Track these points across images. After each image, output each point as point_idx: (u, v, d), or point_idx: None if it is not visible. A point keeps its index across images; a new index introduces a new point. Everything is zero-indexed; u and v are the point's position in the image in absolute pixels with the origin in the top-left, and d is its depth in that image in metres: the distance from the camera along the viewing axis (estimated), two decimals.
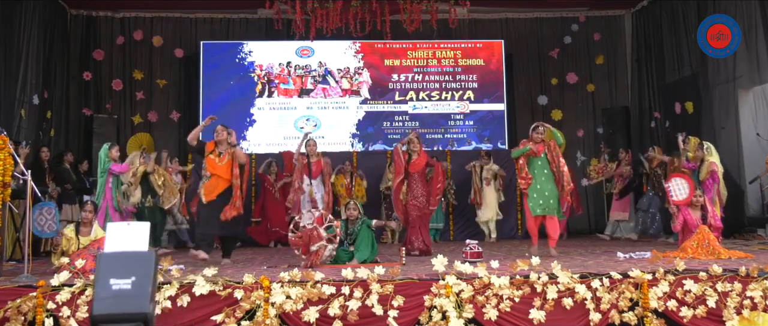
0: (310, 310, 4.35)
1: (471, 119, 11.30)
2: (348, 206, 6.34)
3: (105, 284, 2.53)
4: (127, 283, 2.51)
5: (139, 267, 2.57)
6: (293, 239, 5.80)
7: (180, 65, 11.45)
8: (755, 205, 8.54)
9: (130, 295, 2.51)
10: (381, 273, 4.48)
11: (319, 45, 10.93)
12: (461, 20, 10.51)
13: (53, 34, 10.11)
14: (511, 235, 9.85)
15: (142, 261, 2.60)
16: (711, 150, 7.34)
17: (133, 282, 2.52)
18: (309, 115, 11.13)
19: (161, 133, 11.20)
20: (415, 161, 7.35)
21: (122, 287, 2.51)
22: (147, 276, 2.56)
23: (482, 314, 4.42)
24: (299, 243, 5.73)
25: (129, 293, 2.50)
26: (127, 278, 2.52)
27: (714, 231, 6.14)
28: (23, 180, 5.52)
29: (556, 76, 11.92)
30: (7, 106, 8.53)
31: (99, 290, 2.54)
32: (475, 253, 5.96)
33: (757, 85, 8.69)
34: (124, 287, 2.51)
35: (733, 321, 4.48)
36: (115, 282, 2.52)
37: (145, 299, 2.52)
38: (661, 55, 10.73)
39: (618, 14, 12.01)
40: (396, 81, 11.35)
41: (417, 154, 7.37)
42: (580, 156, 11.66)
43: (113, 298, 2.50)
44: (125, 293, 2.50)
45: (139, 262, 2.59)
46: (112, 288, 2.51)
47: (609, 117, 11.56)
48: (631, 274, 4.59)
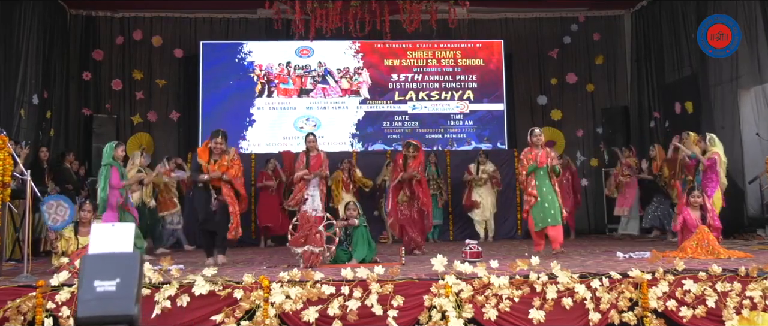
0: (309, 310, 4.35)
1: (470, 119, 11.30)
2: (347, 207, 6.35)
3: (89, 286, 2.48)
4: (111, 285, 2.47)
5: (124, 269, 2.52)
6: (293, 240, 5.80)
7: (179, 65, 11.45)
8: (755, 205, 8.54)
9: (115, 297, 2.46)
10: (380, 273, 4.48)
11: (318, 45, 10.93)
12: (461, 20, 10.52)
13: (53, 34, 10.11)
14: (511, 235, 9.85)
15: (127, 262, 2.56)
16: (714, 140, 7.34)
17: (117, 283, 2.47)
18: (308, 115, 11.13)
19: (161, 133, 11.21)
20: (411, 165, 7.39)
21: (107, 289, 2.47)
22: (132, 277, 2.51)
23: (482, 314, 4.42)
24: (299, 243, 5.74)
25: (114, 294, 2.46)
26: (112, 279, 2.48)
27: (713, 231, 6.14)
28: (22, 180, 5.52)
29: (555, 76, 11.92)
30: (6, 106, 8.54)
31: (83, 292, 2.49)
32: (475, 253, 5.96)
33: (757, 85, 8.68)
34: (108, 289, 2.47)
35: (732, 321, 4.48)
36: (100, 284, 2.47)
37: (130, 300, 2.48)
38: (660, 55, 10.74)
39: (617, 14, 12.01)
40: (395, 81, 11.35)
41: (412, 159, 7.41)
42: (580, 156, 11.67)
43: (98, 300, 2.46)
44: (110, 294, 2.46)
45: (123, 263, 2.55)
46: (96, 291, 2.47)
47: (608, 117, 11.57)
48: (630, 274, 4.59)
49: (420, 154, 7.49)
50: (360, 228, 6.09)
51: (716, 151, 7.22)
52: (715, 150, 7.23)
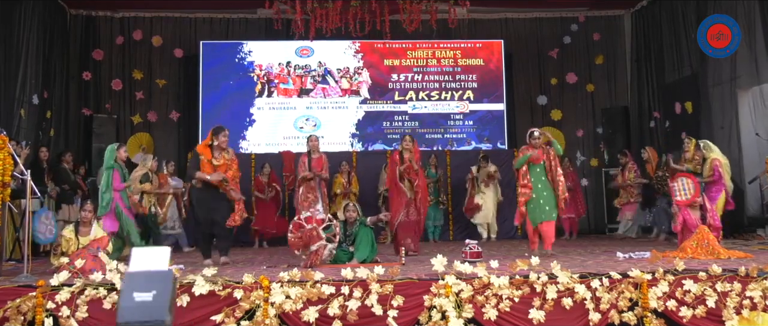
0: (309, 310, 4.35)
1: (470, 119, 11.30)
2: (347, 207, 6.36)
3: (129, 296, 2.93)
4: (148, 296, 2.93)
5: (160, 283, 2.98)
6: (293, 240, 5.80)
7: (179, 65, 11.45)
8: (755, 205, 8.54)
9: (152, 306, 2.91)
10: (380, 273, 4.48)
11: (318, 45, 10.93)
12: (461, 20, 10.52)
13: (53, 34, 10.11)
14: (511, 235, 9.86)
15: (162, 278, 3.02)
16: (709, 146, 7.32)
17: (154, 295, 2.93)
18: (308, 115, 11.13)
19: (161, 132, 11.21)
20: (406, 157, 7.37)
21: (144, 299, 2.92)
22: (166, 290, 2.97)
23: (482, 314, 4.42)
24: (299, 244, 5.74)
25: (150, 304, 2.92)
26: (149, 292, 2.93)
27: (714, 231, 6.14)
28: (22, 180, 5.52)
29: (555, 76, 11.93)
30: (6, 106, 8.53)
31: (124, 301, 2.93)
32: (475, 253, 5.96)
33: (757, 85, 8.68)
34: (146, 299, 2.93)
35: (732, 321, 4.48)
36: (139, 295, 2.93)
37: (164, 309, 2.93)
38: (660, 55, 10.74)
39: (617, 14, 12.01)
40: (395, 81, 11.35)
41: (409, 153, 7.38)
42: (579, 156, 11.67)
43: (137, 308, 2.90)
44: (147, 304, 2.92)
45: (160, 279, 3.00)
46: (135, 300, 2.92)
47: (608, 117, 11.57)
48: (630, 274, 4.59)
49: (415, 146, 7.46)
50: (365, 228, 6.11)
51: (715, 157, 7.19)
52: (714, 156, 7.20)
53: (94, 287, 4.39)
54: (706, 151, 7.29)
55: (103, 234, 5.79)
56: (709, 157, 7.22)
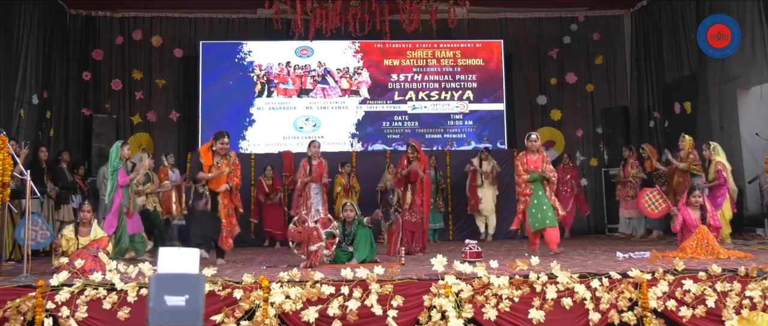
0: (309, 310, 4.35)
1: (470, 119, 11.30)
2: (345, 207, 6.39)
3: (160, 300, 2.76)
4: (181, 300, 2.76)
5: (192, 287, 2.81)
6: (293, 232, 5.81)
7: (179, 65, 11.44)
8: (754, 205, 8.54)
9: (185, 311, 2.76)
10: (380, 273, 4.48)
11: (318, 45, 10.93)
12: (460, 20, 10.53)
13: (52, 33, 10.10)
14: (511, 235, 9.85)
15: (193, 282, 2.85)
16: (717, 149, 7.35)
17: (186, 299, 2.77)
18: (308, 115, 11.12)
19: (160, 132, 11.21)
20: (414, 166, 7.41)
21: (177, 303, 2.76)
22: (198, 295, 2.81)
23: (481, 314, 4.42)
24: (298, 237, 5.75)
25: (183, 309, 2.76)
26: (181, 295, 2.77)
27: (713, 231, 6.14)
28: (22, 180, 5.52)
29: (555, 76, 11.92)
30: (6, 106, 8.53)
31: (155, 305, 2.77)
32: (475, 253, 5.97)
33: (756, 85, 8.68)
34: (178, 303, 2.77)
35: (732, 320, 4.48)
36: (170, 299, 2.76)
37: (197, 315, 2.77)
38: (660, 55, 10.73)
39: (617, 14, 12.01)
40: (395, 81, 11.35)
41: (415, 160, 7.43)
42: (579, 156, 11.67)
43: (169, 312, 2.74)
44: (180, 309, 2.76)
45: (191, 283, 2.83)
46: (167, 304, 2.76)
47: (608, 117, 11.57)
48: (630, 274, 4.59)
49: (422, 153, 7.50)
50: (364, 228, 6.12)
51: (720, 160, 7.21)
52: (719, 159, 7.22)
53: (93, 287, 4.39)
54: (714, 153, 7.31)
55: (103, 235, 5.80)
56: (715, 159, 7.23)
